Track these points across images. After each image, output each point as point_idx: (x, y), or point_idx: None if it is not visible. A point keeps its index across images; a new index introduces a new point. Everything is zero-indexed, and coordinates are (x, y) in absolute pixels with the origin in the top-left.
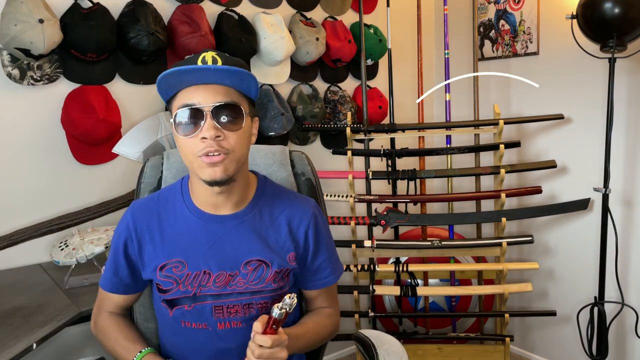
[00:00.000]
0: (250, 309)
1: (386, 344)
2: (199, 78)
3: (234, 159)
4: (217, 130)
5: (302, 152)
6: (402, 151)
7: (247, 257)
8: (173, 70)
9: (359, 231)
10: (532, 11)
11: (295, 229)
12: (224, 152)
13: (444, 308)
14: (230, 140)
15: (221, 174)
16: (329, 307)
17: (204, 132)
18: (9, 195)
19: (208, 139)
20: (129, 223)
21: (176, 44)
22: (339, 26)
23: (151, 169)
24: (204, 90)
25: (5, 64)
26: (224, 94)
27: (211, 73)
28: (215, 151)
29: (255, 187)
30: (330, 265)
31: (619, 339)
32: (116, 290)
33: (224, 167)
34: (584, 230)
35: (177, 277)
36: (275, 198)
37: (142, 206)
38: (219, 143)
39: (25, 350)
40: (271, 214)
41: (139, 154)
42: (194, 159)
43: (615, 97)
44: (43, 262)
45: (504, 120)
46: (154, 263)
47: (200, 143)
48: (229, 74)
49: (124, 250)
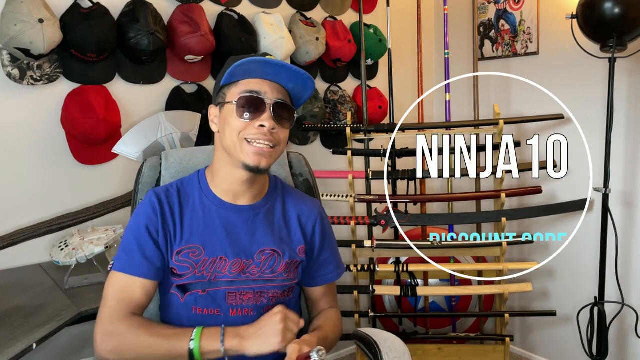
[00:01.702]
0: (262, 297)
1: (388, 341)
2: (269, 74)
3: (278, 152)
4: (274, 123)
5: (300, 153)
6: (402, 151)
7: (262, 246)
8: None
9: (359, 231)
10: (532, 11)
11: (304, 222)
12: (274, 143)
13: (444, 308)
14: (280, 135)
15: (265, 163)
16: (333, 308)
17: (263, 120)
18: (9, 195)
19: (266, 127)
20: (154, 205)
21: (176, 44)
22: (339, 26)
23: (149, 169)
24: (269, 85)
25: (5, 64)
26: (283, 94)
27: (284, 72)
28: (269, 140)
29: (269, 183)
30: (334, 261)
31: (619, 339)
32: (147, 274)
33: (270, 157)
34: (584, 230)
35: (193, 262)
36: (286, 194)
37: (164, 193)
38: (272, 134)
39: (25, 350)
40: (283, 209)
41: (138, 154)
42: (241, 142)
43: (615, 97)
44: (43, 262)
45: (504, 120)
46: (173, 247)
47: (256, 129)
48: (296, 79)
49: (151, 231)
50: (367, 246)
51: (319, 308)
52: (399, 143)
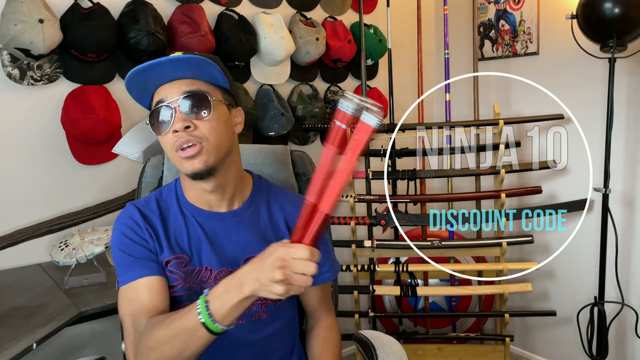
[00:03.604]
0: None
1: (386, 345)
2: (160, 76)
3: (210, 147)
4: (186, 121)
5: (304, 152)
6: (402, 151)
7: (247, 253)
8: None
9: (359, 231)
10: (532, 11)
11: (292, 224)
12: (197, 141)
13: (444, 308)
14: (202, 129)
15: (200, 165)
16: (329, 318)
17: (173, 125)
18: (9, 195)
19: (179, 131)
20: (135, 217)
21: (176, 44)
22: (339, 26)
23: (152, 168)
24: (169, 86)
25: (5, 64)
26: (189, 86)
27: (169, 67)
28: (188, 141)
29: (252, 185)
30: (328, 261)
31: (619, 339)
32: (145, 272)
33: (202, 157)
34: (584, 230)
35: (182, 273)
36: (271, 195)
37: (145, 204)
38: (191, 133)
39: (25, 350)
40: (269, 211)
41: (138, 154)
42: (174, 156)
43: (615, 97)
44: (43, 262)
45: (504, 120)
46: (161, 258)
47: (173, 137)
48: (187, 65)
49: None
50: (367, 246)
51: (315, 317)
52: (399, 143)
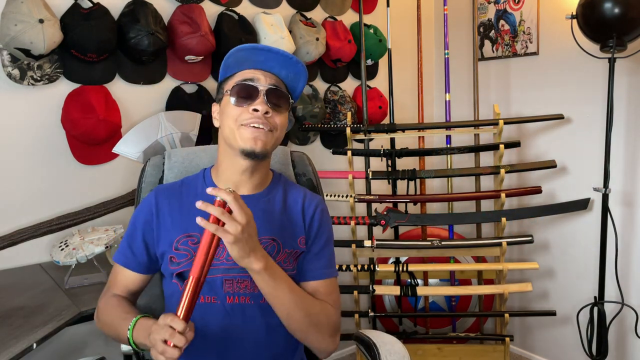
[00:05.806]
0: None
1: (388, 345)
2: (264, 61)
3: (275, 136)
4: (268, 107)
5: (303, 152)
6: (402, 151)
7: (260, 235)
8: (247, 45)
9: (359, 231)
10: (532, 11)
11: (305, 212)
12: (270, 127)
13: (444, 308)
14: (275, 119)
15: (261, 145)
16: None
17: (256, 105)
18: (9, 195)
19: (259, 111)
20: (151, 203)
21: (176, 44)
22: (339, 26)
23: (153, 168)
24: (262, 73)
25: (5, 64)
26: (277, 81)
27: (278, 59)
28: (263, 124)
29: (272, 177)
30: (327, 259)
31: (619, 339)
32: (128, 265)
33: (265, 140)
34: (584, 230)
35: (191, 249)
36: (288, 188)
37: (166, 189)
38: (267, 118)
39: (25, 350)
40: (285, 201)
41: (139, 154)
42: (237, 128)
43: (615, 97)
44: (43, 262)
45: (504, 120)
46: (171, 237)
47: (250, 113)
48: (287, 65)
49: (142, 228)
50: (367, 246)
51: None
52: (399, 143)
